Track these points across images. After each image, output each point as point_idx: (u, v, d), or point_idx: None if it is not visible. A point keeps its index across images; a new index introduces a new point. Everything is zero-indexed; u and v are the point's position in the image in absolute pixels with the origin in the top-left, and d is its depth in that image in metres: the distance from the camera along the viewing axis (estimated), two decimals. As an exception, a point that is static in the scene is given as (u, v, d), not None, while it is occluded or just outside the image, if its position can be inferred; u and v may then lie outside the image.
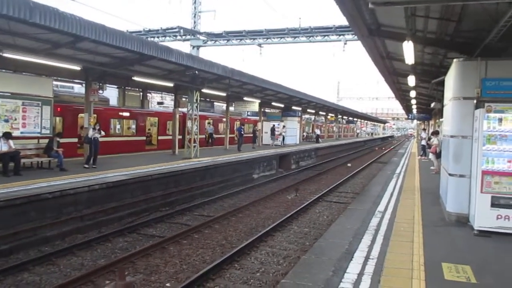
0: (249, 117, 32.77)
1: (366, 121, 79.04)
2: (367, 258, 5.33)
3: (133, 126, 19.65)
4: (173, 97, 20.17)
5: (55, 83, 15.65)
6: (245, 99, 22.69)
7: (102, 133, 13.10)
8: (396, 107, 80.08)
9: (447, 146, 8.06)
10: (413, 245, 5.88)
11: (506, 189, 6.33)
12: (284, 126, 28.90)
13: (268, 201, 12.82)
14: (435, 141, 14.34)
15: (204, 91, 17.41)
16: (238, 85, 19.11)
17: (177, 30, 29.26)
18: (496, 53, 7.48)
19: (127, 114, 19.18)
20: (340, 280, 4.59)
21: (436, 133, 15.45)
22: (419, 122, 44.31)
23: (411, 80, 13.39)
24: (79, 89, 21.70)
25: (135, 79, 14.36)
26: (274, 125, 28.23)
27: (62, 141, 12.58)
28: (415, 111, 33.13)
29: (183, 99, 19.52)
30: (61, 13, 8.20)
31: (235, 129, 26.35)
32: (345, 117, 54.40)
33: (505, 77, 6.80)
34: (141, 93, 22.26)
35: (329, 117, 46.96)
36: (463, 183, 7.10)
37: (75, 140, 15.76)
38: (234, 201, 12.73)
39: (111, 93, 22.41)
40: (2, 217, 7.57)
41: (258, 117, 30.05)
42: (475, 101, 6.93)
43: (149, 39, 23.99)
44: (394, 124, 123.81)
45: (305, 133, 40.99)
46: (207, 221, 9.65)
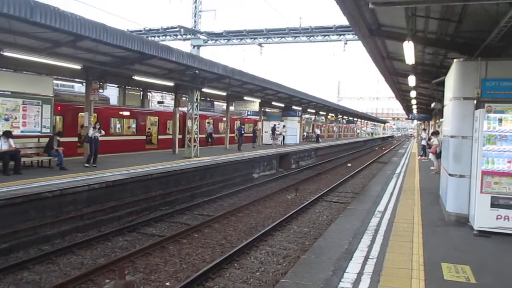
0: (249, 117, 32.74)
1: (366, 121, 79.05)
2: (366, 258, 5.33)
3: (133, 125, 19.66)
4: (174, 96, 20.18)
5: (55, 82, 15.66)
6: (246, 98, 22.68)
7: (102, 132, 13.11)
8: (396, 107, 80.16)
9: (447, 146, 8.06)
10: (413, 245, 5.88)
11: (506, 190, 6.33)
12: (284, 125, 28.91)
13: (268, 200, 12.83)
14: (435, 141, 14.34)
15: (204, 90, 17.41)
16: (238, 85, 19.11)
17: (177, 29, 29.26)
18: (496, 53, 7.49)
19: (127, 113, 19.19)
20: (339, 279, 4.60)
21: (436, 133, 15.44)
22: (419, 122, 44.29)
23: (412, 80, 13.39)
24: (79, 88, 21.76)
25: (136, 78, 14.36)
26: (275, 125, 28.22)
27: (62, 140, 12.60)
28: (415, 111, 33.12)
29: (184, 99, 19.54)
30: (61, 12, 8.21)
31: (235, 128, 26.36)
32: (345, 117, 54.40)
33: (505, 77, 6.80)
34: (142, 92, 22.31)
35: (329, 117, 46.95)
36: (463, 183, 7.11)
37: (75, 139, 15.80)
38: (234, 201, 12.74)
39: (112, 92, 22.49)
40: (2, 216, 7.59)
41: (258, 117, 30.07)
42: (475, 102, 6.94)
43: (150, 38, 23.97)
44: (394, 124, 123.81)
45: (305, 133, 40.98)
46: (207, 221, 9.66)
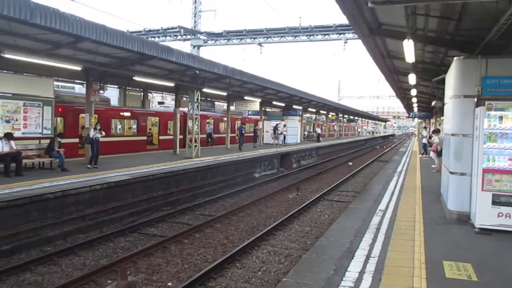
0: (250, 117, 32.74)
1: (367, 120, 78.99)
2: (368, 256, 5.34)
3: (134, 126, 19.67)
4: (174, 96, 20.19)
5: (56, 83, 15.72)
6: (246, 98, 22.68)
7: (103, 133, 13.13)
8: (397, 106, 79.96)
9: (448, 144, 8.06)
10: (414, 243, 5.89)
11: (507, 187, 6.33)
12: (285, 125, 28.90)
13: (269, 200, 12.83)
14: (436, 140, 14.32)
15: (204, 90, 17.42)
16: (238, 85, 19.11)
17: (177, 30, 29.24)
18: (496, 51, 7.48)
19: (128, 114, 19.21)
20: (341, 278, 4.60)
21: (437, 131, 15.42)
22: (420, 120, 44.26)
23: (412, 78, 13.38)
24: (80, 89, 21.82)
25: (136, 79, 14.37)
26: (277, 124, 28.20)
27: (63, 141, 12.63)
28: (416, 109, 33.11)
29: (184, 99, 19.55)
30: (61, 13, 8.22)
31: (236, 128, 26.36)
32: (346, 116, 54.36)
33: (505, 75, 6.80)
34: (142, 93, 22.34)
35: (330, 116, 46.92)
36: (464, 181, 7.11)
37: (76, 140, 15.81)
38: (235, 200, 12.74)
39: (112, 93, 22.51)
40: (4, 218, 7.61)
41: (259, 116, 30.07)
42: (476, 99, 6.93)
43: (150, 39, 23.98)
44: (395, 122, 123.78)
45: (306, 132, 40.98)
46: (208, 221, 9.67)
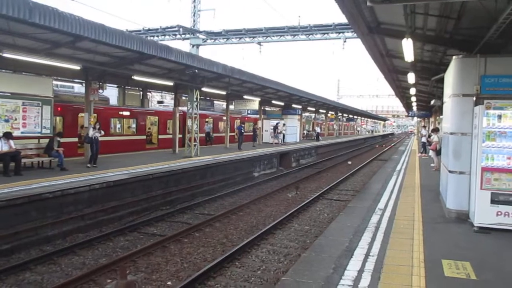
0: (249, 116, 32.74)
1: (366, 119, 79.00)
2: (367, 255, 5.35)
3: (133, 125, 19.66)
4: (173, 96, 20.18)
5: (55, 82, 15.68)
6: (245, 97, 22.68)
7: (102, 132, 13.12)
8: (396, 105, 79.97)
9: (447, 143, 8.07)
10: (413, 242, 5.90)
11: (505, 186, 6.34)
12: (284, 124, 28.90)
13: (268, 199, 12.84)
14: (435, 138, 14.34)
15: (204, 89, 17.41)
16: (238, 84, 19.11)
17: (176, 29, 29.22)
18: (495, 50, 7.48)
19: (127, 113, 19.19)
20: (340, 277, 4.62)
21: (436, 130, 15.44)
22: (419, 119, 44.29)
23: (411, 77, 13.38)
24: (79, 88, 21.77)
25: (135, 78, 14.35)
26: (277, 123, 28.20)
27: (62, 140, 12.60)
28: (415, 108, 33.10)
29: (183, 98, 19.54)
30: (60, 13, 8.21)
31: (235, 127, 26.37)
32: (345, 115, 54.38)
33: (504, 74, 6.82)
34: (141, 92, 22.30)
35: (329, 115, 46.94)
36: (463, 180, 7.12)
37: (76, 139, 15.80)
38: (234, 200, 12.75)
39: (111, 93, 22.48)
40: (3, 217, 7.60)
41: (258, 116, 30.07)
42: (475, 98, 6.94)
43: (149, 38, 24.00)
44: (394, 121, 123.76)
45: (305, 131, 41.00)
46: (208, 220, 9.68)
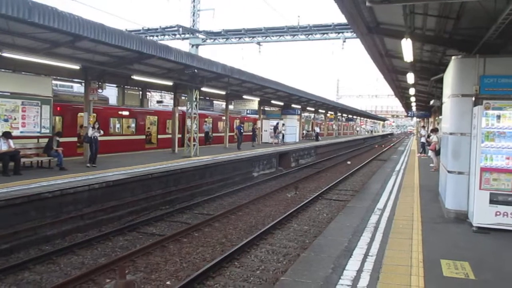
0: (248, 115, 32.74)
1: (365, 119, 79.04)
2: (366, 255, 5.35)
3: (133, 125, 19.66)
4: (173, 95, 20.18)
5: (54, 82, 15.67)
6: (245, 97, 22.67)
7: (101, 132, 13.12)
8: (395, 105, 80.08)
9: (446, 143, 8.08)
10: (412, 242, 5.91)
11: (504, 186, 6.35)
12: (283, 124, 28.90)
13: (268, 199, 12.84)
14: (435, 139, 14.35)
15: (203, 89, 17.41)
16: (237, 83, 19.11)
17: (176, 28, 29.22)
18: (494, 50, 7.49)
19: (126, 113, 19.19)
20: (339, 277, 4.62)
21: (435, 130, 15.45)
22: (418, 119, 44.36)
23: (410, 77, 13.39)
24: (78, 88, 21.75)
25: (135, 78, 14.35)
26: (277, 123, 28.18)
27: (61, 140, 12.59)
28: (414, 108, 33.17)
29: (183, 98, 19.54)
30: (60, 12, 8.21)
31: (235, 127, 26.37)
32: (344, 115, 54.41)
33: (503, 74, 6.83)
34: (141, 92, 22.30)
35: (328, 115, 46.97)
36: (462, 180, 7.13)
37: (75, 139, 15.80)
38: (234, 199, 12.75)
39: (111, 92, 22.46)
40: (2, 217, 7.60)
41: (257, 115, 30.06)
42: (474, 98, 6.96)
43: (148, 38, 24.01)
44: (393, 121, 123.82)
45: (304, 131, 41.01)
46: (207, 220, 9.67)
